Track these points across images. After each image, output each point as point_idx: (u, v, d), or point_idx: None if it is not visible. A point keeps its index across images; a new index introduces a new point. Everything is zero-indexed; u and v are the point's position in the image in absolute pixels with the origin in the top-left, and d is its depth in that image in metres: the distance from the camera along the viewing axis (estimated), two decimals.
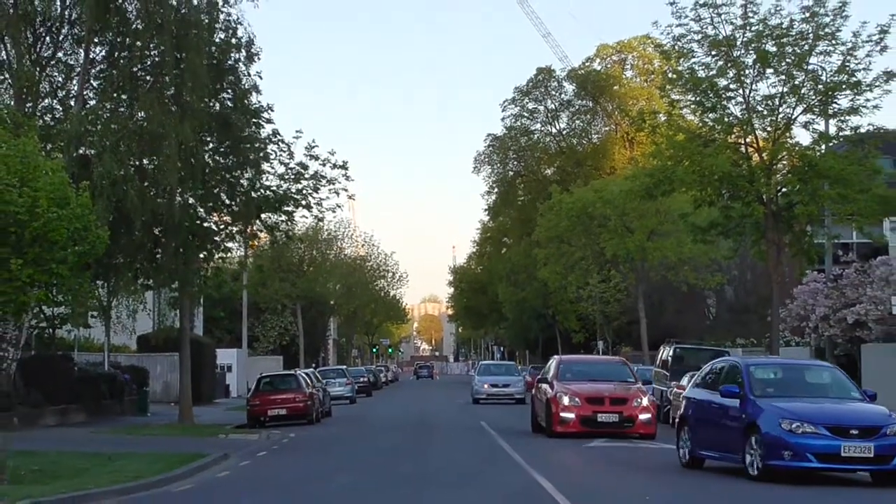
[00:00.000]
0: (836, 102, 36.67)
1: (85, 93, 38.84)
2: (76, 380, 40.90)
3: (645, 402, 30.53)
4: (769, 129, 37.64)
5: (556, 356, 39.12)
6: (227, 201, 40.60)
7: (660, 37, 40.77)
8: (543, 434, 31.46)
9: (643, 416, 30.18)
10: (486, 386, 58.72)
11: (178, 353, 43.72)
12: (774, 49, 36.39)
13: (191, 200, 39.63)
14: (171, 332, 52.27)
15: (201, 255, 41.81)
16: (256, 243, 54.71)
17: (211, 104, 38.77)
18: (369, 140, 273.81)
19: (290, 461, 27.49)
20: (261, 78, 40.25)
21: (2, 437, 21.06)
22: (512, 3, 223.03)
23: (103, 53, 39.46)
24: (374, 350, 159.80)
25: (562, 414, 29.96)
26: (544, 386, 31.82)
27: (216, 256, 44.24)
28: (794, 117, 37.42)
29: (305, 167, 40.85)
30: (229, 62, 39.04)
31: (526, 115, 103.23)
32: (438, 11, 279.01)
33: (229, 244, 44.82)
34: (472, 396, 58.69)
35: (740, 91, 37.18)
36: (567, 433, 29.58)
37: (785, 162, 38.50)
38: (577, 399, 30.04)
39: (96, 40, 38.88)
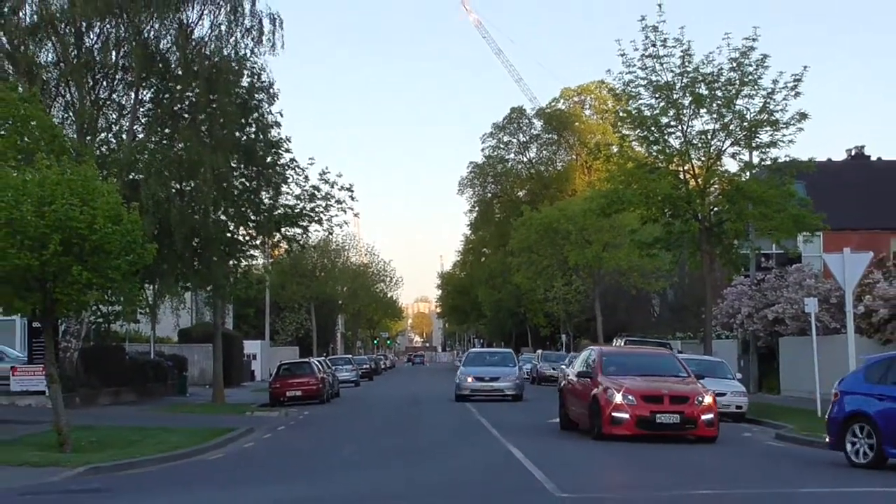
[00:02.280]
0: (758, 137, 36.71)
1: (134, 128, 38.83)
2: (127, 366, 40.88)
3: (707, 400, 22.23)
4: (703, 158, 37.64)
5: (593, 346, 30.90)
6: (253, 217, 40.53)
7: (612, 82, 40.79)
8: (577, 432, 24.08)
9: (705, 417, 21.97)
10: (469, 379, 41.05)
11: (212, 344, 43.61)
12: (707, 92, 36.42)
13: (222, 217, 39.55)
14: (207, 327, 52.34)
15: (231, 263, 41.73)
16: (277, 252, 54.72)
17: (239, 137, 38.76)
18: (372, 165, 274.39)
19: (304, 435, 27.53)
20: (281, 115, 40.25)
21: (66, 413, 21.16)
22: (491, 55, 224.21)
23: (149, 95, 39.43)
24: (375, 342, 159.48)
25: (614, 414, 21.73)
26: (584, 380, 23.76)
27: (243, 263, 44.24)
28: (723, 149, 37.44)
29: (318, 189, 40.70)
30: (254, 102, 39.01)
31: (501, 146, 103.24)
32: (430, 61, 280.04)
33: (254, 253, 44.99)
34: (455, 392, 41.06)
35: (679, 127, 37.21)
36: (620, 435, 21.56)
37: (716, 186, 38.50)
38: (631, 397, 21.79)
39: (144, 84, 38.82)
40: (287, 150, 40.12)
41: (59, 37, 37.14)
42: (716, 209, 38.37)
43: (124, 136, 38.52)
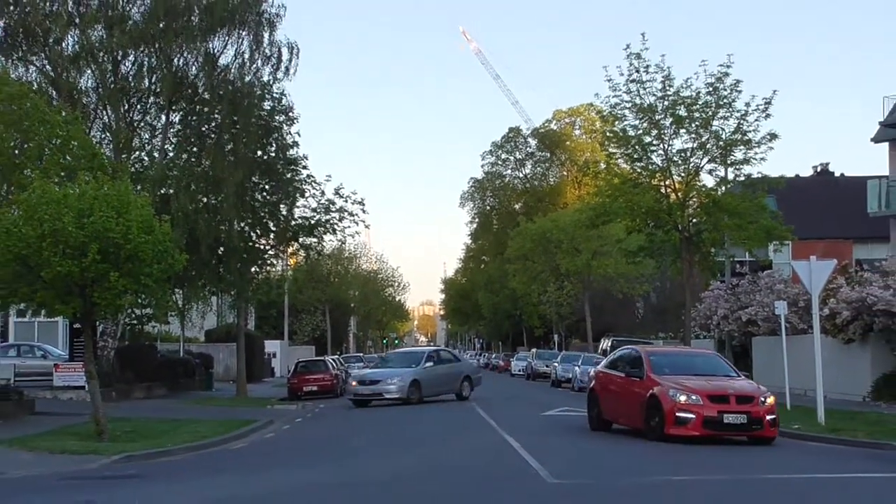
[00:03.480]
0: (732, 155, 36.78)
1: (165, 147, 38.90)
2: (159, 363, 40.87)
3: (770, 400, 20.03)
4: (683, 174, 37.69)
5: (633, 346, 25.82)
6: (273, 228, 40.61)
7: (600, 104, 40.93)
8: (613, 433, 21.73)
9: (770, 417, 19.76)
10: (353, 383, 35.84)
11: (235, 343, 43.67)
12: (686, 114, 36.49)
13: (245, 228, 39.64)
14: (230, 328, 52.36)
15: (253, 269, 41.81)
16: (295, 260, 54.70)
17: (260, 155, 38.89)
18: (382, 179, 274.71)
19: (319, 426, 27.53)
20: (299, 135, 40.41)
21: (103, 406, 21.18)
22: (489, 80, 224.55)
23: (179, 117, 39.55)
24: (384, 341, 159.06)
25: (679, 414, 19.33)
26: (632, 380, 21.13)
27: (264, 270, 44.32)
28: (701, 166, 37.51)
29: (333, 202, 40.80)
30: (275, 123, 39.16)
31: (499, 163, 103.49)
32: (434, 86, 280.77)
33: (274, 261, 45.04)
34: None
35: (661, 146, 37.28)
36: (685, 436, 19.16)
37: (695, 200, 38.54)
38: (696, 397, 19.42)
39: (174, 108, 38.92)
40: (304, 167, 40.35)
41: (98, 65, 37.23)
42: (694, 221, 38.42)
43: (156, 155, 38.71)
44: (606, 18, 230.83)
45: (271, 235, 41.03)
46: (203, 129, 38.75)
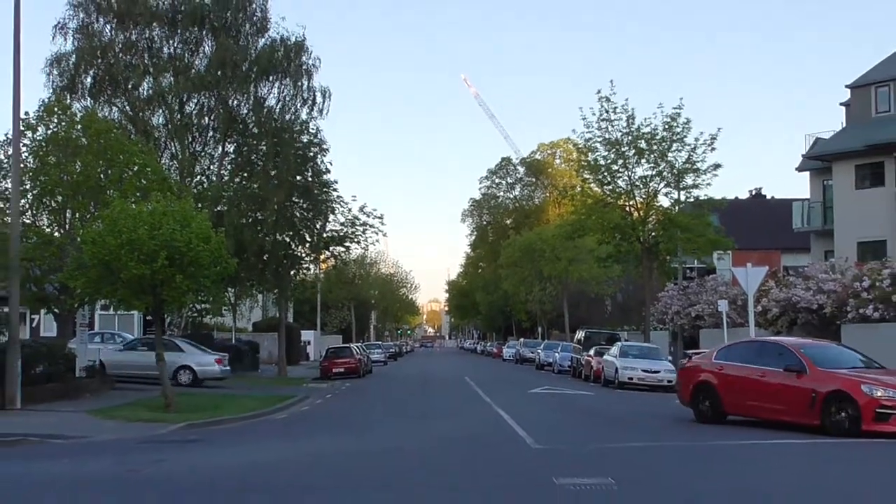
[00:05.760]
0: (684, 181, 36.90)
1: (220, 172, 39.05)
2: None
3: None
4: (643, 196, 37.80)
5: (764, 339, 20.55)
6: (308, 239, 40.59)
7: (576, 139, 41.04)
8: (731, 424, 17.59)
9: None
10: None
11: (277, 333, 43.70)
12: (646, 147, 36.61)
13: (285, 239, 39.65)
14: (273, 320, 52.34)
15: (291, 273, 41.83)
16: (326, 265, 54.77)
17: (298, 180, 38.92)
18: (397, 196, 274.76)
19: (346, 401, 27.50)
20: (330, 163, 40.42)
21: (170, 383, 21.23)
22: (486, 118, 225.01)
23: (232, 148, 39.61)
24: (399, 332, 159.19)
25: (878, 410, 15.17)
26: (787, 374, 16.58)
27: (300, 273, 44.32)
28: (658, 189, 37.65)
29: (357, 218, 40.78)
30: (310, 154, 39.17)
31: (493, 186, 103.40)
32: (441, 122, 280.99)
33: (309, 265, 45.09)
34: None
35: (625, 173, 37.39)
36: (888, 432, 14.92)
37: (653, 217, 38.64)
38: (892, 391, 15.34)
39: (228, 140, 39.06)
40: (334, 190, 40.37)
41: (167, 106, 37.39)
42: (653, 234, 38.50)
43: (213, 179, 38.82)
44: (581, 67, 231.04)
45: (307, 245, 41.03)
46: (251, 158, 38.81)
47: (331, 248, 41.82)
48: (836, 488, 10.11)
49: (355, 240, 41.09)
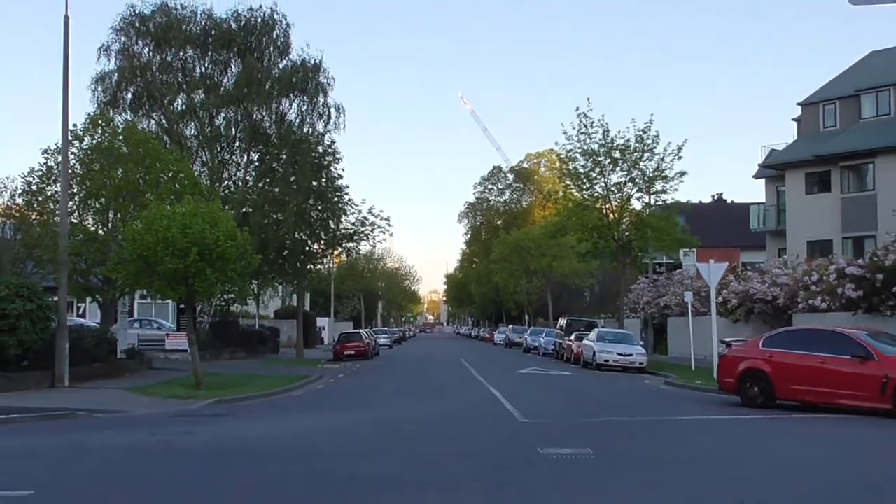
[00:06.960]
0: (654, 187, 36.78)
1: (245, 178, 38.99)
2: (240, 334, 40.73)
3: None
4: (618, 201, 37.67)
5: (821, 326, 18.19)
6: (323, 237, 40.54)
7: (558, 150, 40.84)
8: (798, 410, 15.77)
9: None
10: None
11: (295, 320, 43.66)
12: (620, 157, 36.52)
13: (302, 237, 39.61)
14: (291, 308, 52.21)
15: (308, 266, 41.79)
16: (339, 260, 54.71)
17: (314, 185, 38.87)
18: (401, 199, 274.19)
19: (357, 380, 27.42)
20: (343, 170, 40.52)
21: (200, 364, 21.21)
22: (480, 131, 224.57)
23: (256, 157, 39.53)
24: (403, 319, 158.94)
25: None
26: (853, 361, 14.88)
27: (316, 267, 44.25)
28: (631, 194, 37.52)
29: (367, 218, 40.73)
30: (325, 162, 39.12)
31: (486, 191, 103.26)
32: (439, 134, 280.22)
33: (323, 260, 45.01)
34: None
35: (602, 180, 37.26)
36: None
37: (627, 218, 38.53)
38: None
39: (252, 150, 38.98)
40: (346, 194, 40.29)
41: (199, 119, 37.32)
42: (627, 234, 38.39)
43: (239, 184, 38.71)
44: (563, 86, 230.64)
45: (322, 242, 40.99)
46: (273, 165, 38.76)
47: (343, 245, 41.79)
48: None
49: (364, 238, 41.06)
